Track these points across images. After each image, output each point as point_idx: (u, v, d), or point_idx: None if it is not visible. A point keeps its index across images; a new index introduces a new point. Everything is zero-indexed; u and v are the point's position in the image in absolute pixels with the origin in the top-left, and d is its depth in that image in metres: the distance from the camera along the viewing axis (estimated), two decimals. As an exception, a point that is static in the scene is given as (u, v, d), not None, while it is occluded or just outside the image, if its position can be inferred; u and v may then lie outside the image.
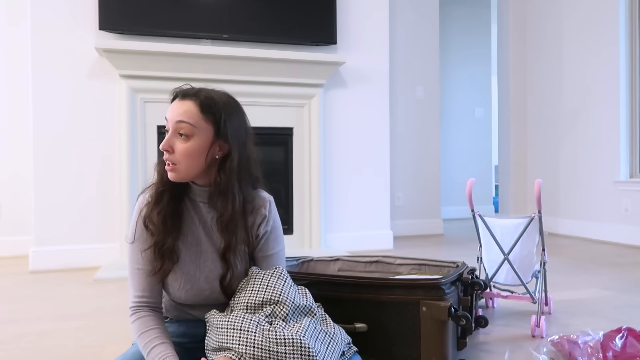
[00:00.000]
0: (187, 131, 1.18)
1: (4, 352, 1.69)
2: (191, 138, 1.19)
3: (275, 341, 1.08)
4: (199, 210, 1.28)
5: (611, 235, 4.04)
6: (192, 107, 1.20)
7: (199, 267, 1.26)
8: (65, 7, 3.17)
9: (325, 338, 1.18)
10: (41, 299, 2.41)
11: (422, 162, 4.70)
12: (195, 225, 1.27)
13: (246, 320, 1.13)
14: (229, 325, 1.13)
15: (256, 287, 1.22)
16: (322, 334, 1.18)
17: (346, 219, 3.79)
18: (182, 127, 1.19)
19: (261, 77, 3.47)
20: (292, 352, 1.07)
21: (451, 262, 1.79)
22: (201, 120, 1.20)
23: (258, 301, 1.20)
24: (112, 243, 3.24)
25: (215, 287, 1.26)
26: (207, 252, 1.27)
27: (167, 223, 1.22)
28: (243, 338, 1.10)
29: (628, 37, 3.99)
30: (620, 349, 1.44)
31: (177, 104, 1.22)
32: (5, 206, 3.66)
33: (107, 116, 3.26)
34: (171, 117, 1.21)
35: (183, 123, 1.18)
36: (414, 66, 4.68)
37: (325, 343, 1.16)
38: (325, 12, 3.62)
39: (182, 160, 1.19)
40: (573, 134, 4.43)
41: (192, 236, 1.27)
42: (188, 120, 1.18)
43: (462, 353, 1.60)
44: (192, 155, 1.19)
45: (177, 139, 1.19)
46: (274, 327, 1.14)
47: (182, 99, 1.22)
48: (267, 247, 1.33)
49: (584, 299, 2.32)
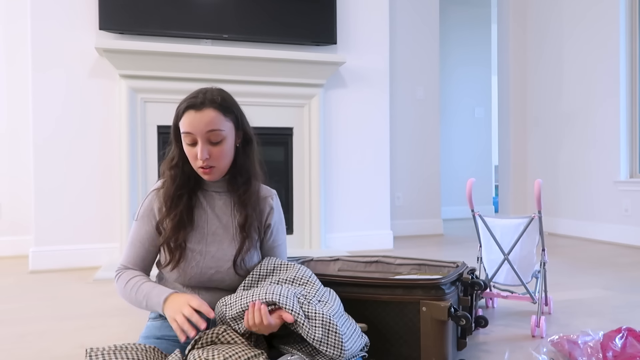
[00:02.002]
0: (219, 137, 1.27)
1: (4, 352, 1.69)
2: (223, 141, 1.28)
3: (307, 314, 1.17)
4: (210, 198, 1.38)
5: (611, 235, 4.04)
6: (214, 115, 1.27)
7: (205, 246, 1.34)
8: (65, 7, 3.17)
9: (351, 325, 1.26)
10: (41, 299, 2.41)
11: (422, 162, 4.70)
12: (203, 210, 1.36)
13: (280, 287, 1.23)
14: (261, 289, 1.22)
15: (284, 268, 1.35)
16: (349, 321, 1.27)
17: (346, 219, 3.79)
18: (214, 136, 1.27)
19: (261, 77, 3.47)
20: (320, 327, 1.15)
21: (451, 262, 1.79)
22: (225, 122, 1.29)
23: (289, 278, 1.31)
24: (112, 243, 3.25)
25: (221, 267, 1.33)
26: (215, 234, 1.35)
27: (183, 220, 1.32)
28: (276, 295, 1.18)
29: (628, 37, 3.99)
30: (620, 349, 1.44)
31: (197, 115, 1.26)
32: (5, 206, 3.66)
33: (107, 116, 3.26)
34: (198, 129, 1.26)
35: (214, 132, 1.27)
36: (414, 66, 4.68)
37: (350, 329, 1.24)
38: (325, 12, 3.62)
39: (219, 162, 1.29)
40: (573, 134, 4.43)
41: (200, 219, 1.35)
42: (217, 128, 1.27)
43: (462, 353, 1.60)
44: (227, 155, 1.31)
45: (209, 146, 1.27)
46: (307, 300, 1.21)
47: (199, 110, 1.27)
48: (275, 238, 1.43)
49: (584, 299, 2.32)
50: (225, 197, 1.38)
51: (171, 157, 1.36)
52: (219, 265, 1.33)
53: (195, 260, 1.32)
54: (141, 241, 1.35)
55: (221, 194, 1.38)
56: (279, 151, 3.63)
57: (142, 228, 1.35)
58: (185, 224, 1.32)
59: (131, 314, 2.13)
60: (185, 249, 1.32)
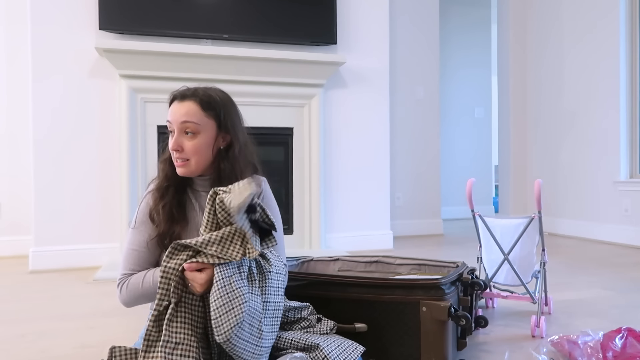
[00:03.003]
0: (193, 129, 1.28)
1: (4, 352, 1.69)
2: (198, 135, 1.29)
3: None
4: (200, 199, 1.37)
5: (611, 235, 4.04)
6: (193, 107, 1.29)
7: None
8: (65, 7, 3.17)
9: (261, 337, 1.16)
10: (41, 299, 2.41)
11: (422, 162, 4.70)
12: (195, 212, 1.36)
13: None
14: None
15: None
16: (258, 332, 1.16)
17: (346, 219, 3.79)
18: (187, 127, 1.28)
19: (261, 77, 3.47)
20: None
21: (451, 262, 1.79)
22: (204, 117, 1.30)
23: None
24: (112, 243, 3.24)
25: None
26: None
27: (173, 214, 1.32)
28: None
29: (628, 37, 3.99)
30: (620, 349, 1.44)
31: (177, 105, 1.30)
32: (5, 206, 3.66)
33: (107, 116, 3.26)
34: (175, 118, 1.29)
35: (188, 123, 1.28)
36: (414, 66, 4.68)
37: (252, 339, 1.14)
38: (325, 12, 3.62)
39: (192, 155, 1.29)
40: (573, 134, 4.43)
41: (192, 222, 1.35)
42: (192, 120, 1.28)
43: (462, 353, 1.60)
44: (201, 150, 1.29)
45: (184, 138, 1.29)
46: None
47: (181, 101, 1.31)
48: None
49: (584, 299, 2.32)
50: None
51: (164, 152, 1.39)
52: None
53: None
54: (145, 246, 1.32)
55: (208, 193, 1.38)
56: (279, 151, 3.63)
57: (145, 232, 1.32)
58: (175, 216, 1.32)
59: (131, 314, 2.13)
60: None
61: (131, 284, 1.28)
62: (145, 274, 1.28)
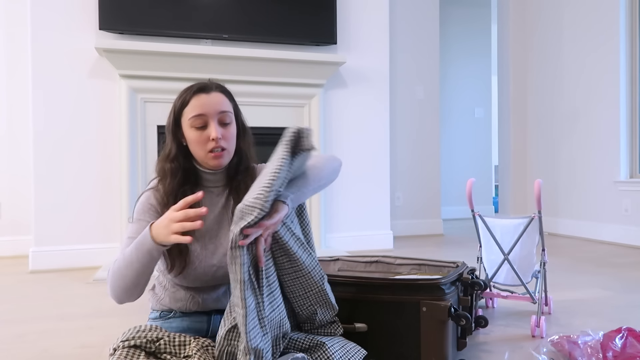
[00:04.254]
0: (228, 119, 1.32)
1: (4, 352, 1.69)
2: (231, 124, 1.33)
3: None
4: (210, 197, 1.35)
5: (611, 235, 4.04)
6: (223, 98, 1.33)
7: (204, 245, 1.31)
8: (65, 7, 3.17)
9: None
10: (41, 299, 2.41)
11: (422, 162, 4.70)
12: (199, 206, 1.32)
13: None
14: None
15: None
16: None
17: (346, 219, 3.79)
18: (225, 116, 1.31)
19: (261, 77, 3.47)
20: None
21: (451, 262, 1.79)
22: (231, 107, 1.35)
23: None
24: (112, 243, 3.24)
25: (222, 261, 1.31)
26: (212, 230, 1.33)
27: None
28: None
29: (628, 37, 3.99)
30: (620, 349, 1.44)
31: (207, 97, 1.30)
32: (5, 206, 3.66)
33: (107, 116, 3.26)
34: (212, 109, 1.29)
35: (225, 113, 1.31)
36: (414, 66, 4.68)
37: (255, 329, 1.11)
38: (325, 12, 3.62)
39: (229, 144, 1.32)
40: (573, 134, 4.43)
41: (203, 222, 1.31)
42: (228, 109, 1.32)
43: (462, 353, 1.60)
44: (234, 138, 1.34)
45: (221, 127, 1.30)
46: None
47: (209, 92, 1.31)
48: None
49: (584, 299, 2.32)
50: (221, 190, 1.36)
51: (167, 152, 1.32)
52: (221, 260, 1.31)
53: (198, 260, 1.29)
54: (134, 235, 1.24)
55: (219, 187, 1.36)
56: (279, 151, 3.63)
57: (146, 224, 1.25)
58: None
59: (131, 314, 2.14)
60: (188, 253, 1.28)
61: (114, 267, 1.19)
62: (125, 250, 1.18)
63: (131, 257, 1.15)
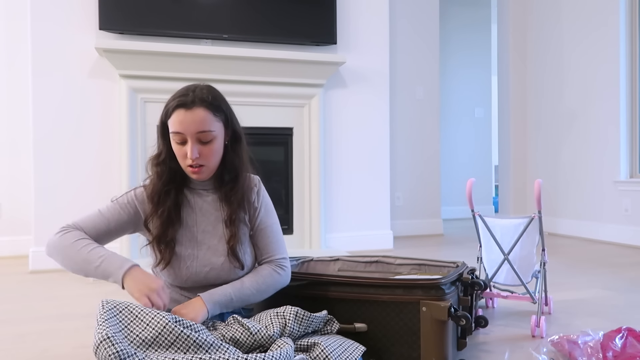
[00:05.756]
0: (209, 137, 1.26)
1: (4, 352, 1.69)
2: (214, 141, 1.28)
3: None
4: (197, 196, 1.37)
5: (611, 235, 4.04)
6: (204, 114, 1.25)
7: (196, 246, 1.34)
8: (65, 7, 3.17)
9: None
10: (41, 299, 2.41)
11: (422, 162, 4.70)
12: (191, 209, 1.36)
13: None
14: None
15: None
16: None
17: (346, 219, 3.79)
18: (204, 136, 1.26)
19: (261, 77, 3.47)
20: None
21: (451, 262, 1.79)
22: (216, 122, 1.28)
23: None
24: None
25: (215, 263, 1.33)
26: (204, 232, 1.35)
27: (172, 218, 1.31)
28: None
29: (628, 36, 3.99)
30: (620, 349, 1.44)
31: (186, 114, 1.25)
32: (5, 206, 3.66)
33: (107, 116, 3.26)
34: (187, 129, 1.25)
35: (204, 133, 1.25)
36: (414, 66, 4.68)
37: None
38: (325, 12, 3.62)
39: (208, 161, 1.29)
40: (573, 134, 4.43)
41: (188, 219, 1.35)
42: (208, 129, 1.26)
43: (462, 353, 1.60)
44: (217, 154, 1.31)
45: (199, 145, 1.26)
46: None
47: (189, 108, 1.25)
48: (262, 221, 1.41)
49: (584, 299, 2.32)
50: (212, 193, 1.39)
51: (158, 154, 1.36)
52: (213, 262, 1.33)
53: (190, 260, 1.33)
54: (109, 218, 1.32)
55: (209, 191, 1.38)
56: (279, 151, 3.63)
57: (117, 211, 1.33)
58: (173, 220, 1.32)
59: (131, 314, 2.13)
60: (175, 247, 1.32)
61: (75, 244, 1.24)
62: (96, 249, 1.25)
63: (90, 257, 1.22)
